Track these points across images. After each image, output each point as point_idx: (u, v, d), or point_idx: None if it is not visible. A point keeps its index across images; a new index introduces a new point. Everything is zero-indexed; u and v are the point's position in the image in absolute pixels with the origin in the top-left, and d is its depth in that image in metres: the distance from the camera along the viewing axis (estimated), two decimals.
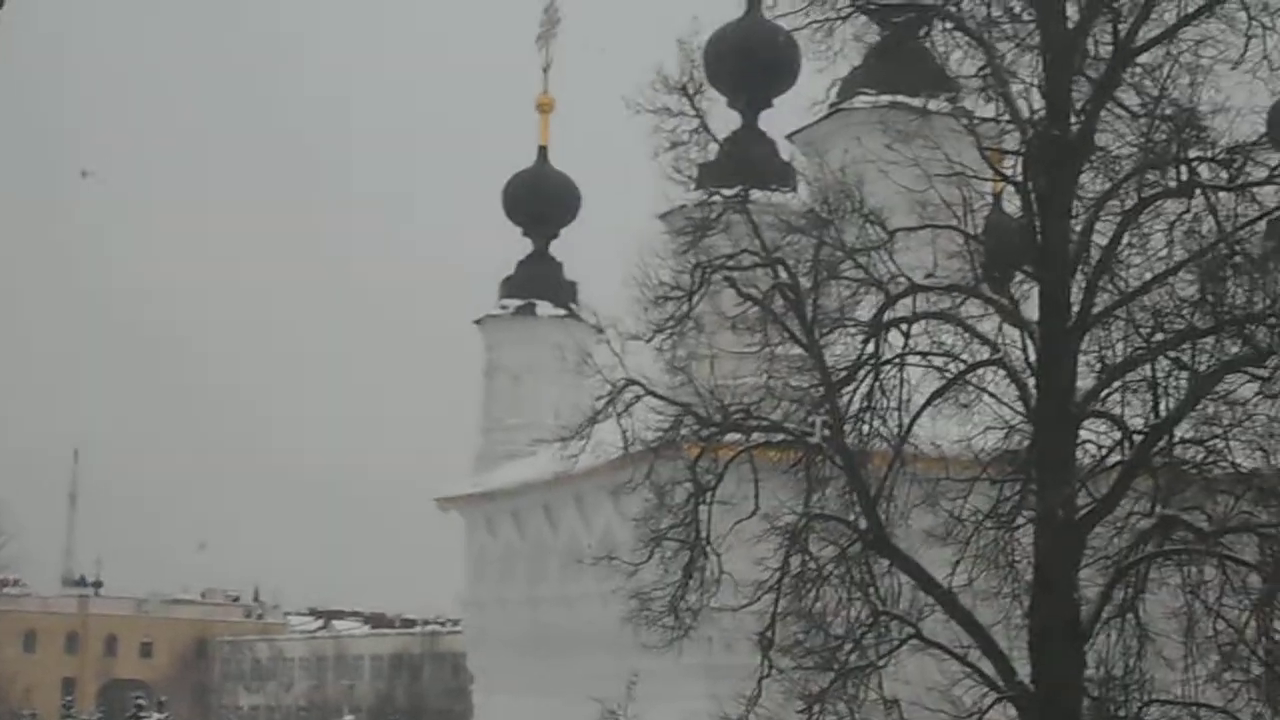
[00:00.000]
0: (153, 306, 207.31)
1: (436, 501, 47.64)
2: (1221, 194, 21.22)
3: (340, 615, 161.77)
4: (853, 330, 22.36)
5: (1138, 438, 21.22)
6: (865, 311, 22.47)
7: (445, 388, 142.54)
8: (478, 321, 48.54)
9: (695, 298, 22.82)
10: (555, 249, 49.17)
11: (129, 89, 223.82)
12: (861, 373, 22.17)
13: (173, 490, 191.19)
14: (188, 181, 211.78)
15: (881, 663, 21.57)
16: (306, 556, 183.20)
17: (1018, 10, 21.76)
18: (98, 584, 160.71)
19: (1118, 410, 21.52)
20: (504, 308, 48.02)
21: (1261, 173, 21.24)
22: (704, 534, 22.66)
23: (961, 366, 22.02)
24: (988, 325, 22.05)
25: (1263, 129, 22.32)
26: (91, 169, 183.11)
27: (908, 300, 22.15)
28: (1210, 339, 20.92)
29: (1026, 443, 21.68)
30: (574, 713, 32.01)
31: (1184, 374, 21.10)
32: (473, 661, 49.70)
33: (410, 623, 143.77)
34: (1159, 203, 21.45)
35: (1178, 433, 21.20)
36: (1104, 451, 21.52)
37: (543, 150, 49.45)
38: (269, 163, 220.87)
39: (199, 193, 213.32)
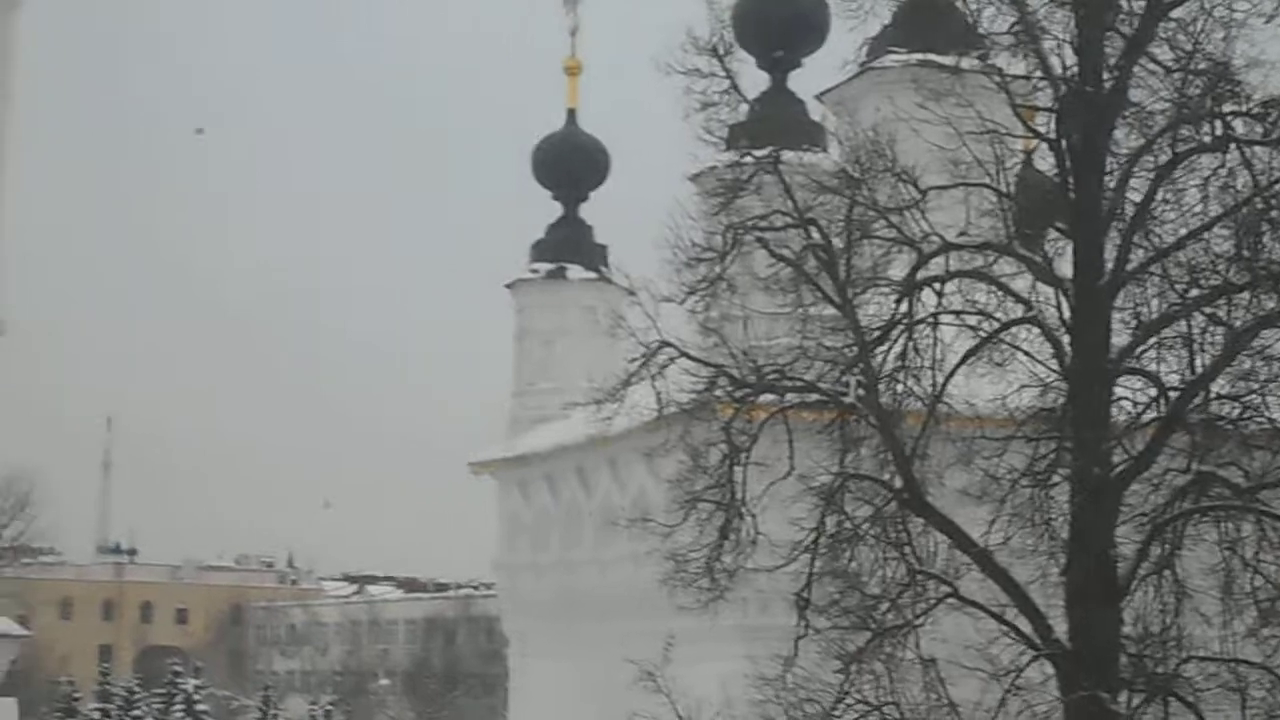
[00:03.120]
0: (188, 273, 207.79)
1: (469, 466, 47.67)
2: (1256, 148, 21.09)
3: (374, 580, 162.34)
4: (886, 290, 22.30)
5: (1173, 394, 21.15)
6: (898, 271, 22.41)
7: (478, 352, 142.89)
8: (508, 286, 48.52)
9: (728, 259, 22.77)
10: (585, 212, 49.09)
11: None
12: (895, 332, 22.12)
13: (206, 457, 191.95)
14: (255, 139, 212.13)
15: (918, 622, 21.55)
16: (340, 522, 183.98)
17: None
18: (132, 551, 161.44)
19: (1153, 367, 21.44)
20: (534, 271, 47.97)
21: None
22: (739, 495, 22.64)
23: (995, 325, 21.96)
24: (1021, 283, 22.00)
25: None
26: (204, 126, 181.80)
27: (941, 259, 22.10)
28: (1246, 294, 20.82)
29: (1062, 400, 21.63)
30: (610, 675, 32.04)
31: (1219, 330, 21.02)
32: (508, 625, 49.77)
33: (443, 587, 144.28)
34: (1193, 158, 21.33)
35: (1214, 389, 21.13)
36: (1140, 408, 21.45)
37: (571, 113, 49.34)
38: (318, 135, 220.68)
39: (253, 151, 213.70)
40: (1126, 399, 21.49)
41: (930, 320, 22.19)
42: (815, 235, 22.11)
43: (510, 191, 58.33)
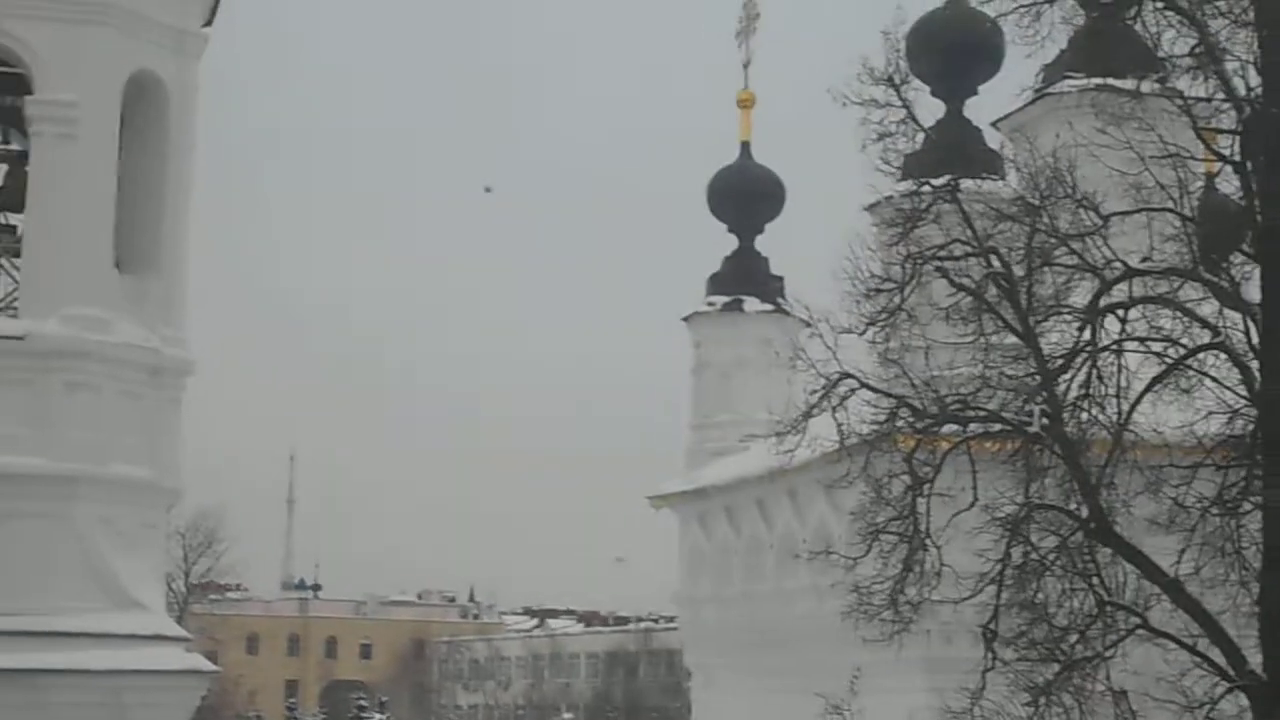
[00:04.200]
0: (361, 310, 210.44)
1: (649, 499, 47.75)
2: None
3: (554, 614, 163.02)
4: (1068, 317, 22.08)
5: None
6: (1081, 298, 22.18)
7: (656, 385, 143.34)
8: (686, 318, 48.61)
9: (907, 289, 22.68)
10: (761, 244, 49.07)
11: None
12: (1078, 360, 21.89)
13: (387, 492, 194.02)
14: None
15: (1108, 653, 21.27)
16: (520, 556, 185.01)
17: None
18: (317, 587, 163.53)
19: None
20: (711, 304, 48.01)
21: None
22: (922, 527, 22.50)
23: (1181, 351, 21.66)
24: (1208, 308, 21.67)
25: None
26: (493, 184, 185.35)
27: (1124, 285, 21.84)
28: None
29: (1251, 427, 21.27)
30: (795, 708, 31.94)
31: None
32: (690, 658, 49.75)
33: (623, 620, 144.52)
34: None
35: None
36: None
37: (745, 146, 49.37)
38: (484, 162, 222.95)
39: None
40: None
41: (1114, 348, 21.93)
42: (995, 264, 21.95)
43: (686, 224, 58.57)
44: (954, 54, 36.58)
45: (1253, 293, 21.34)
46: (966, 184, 23.33)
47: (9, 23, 21.67)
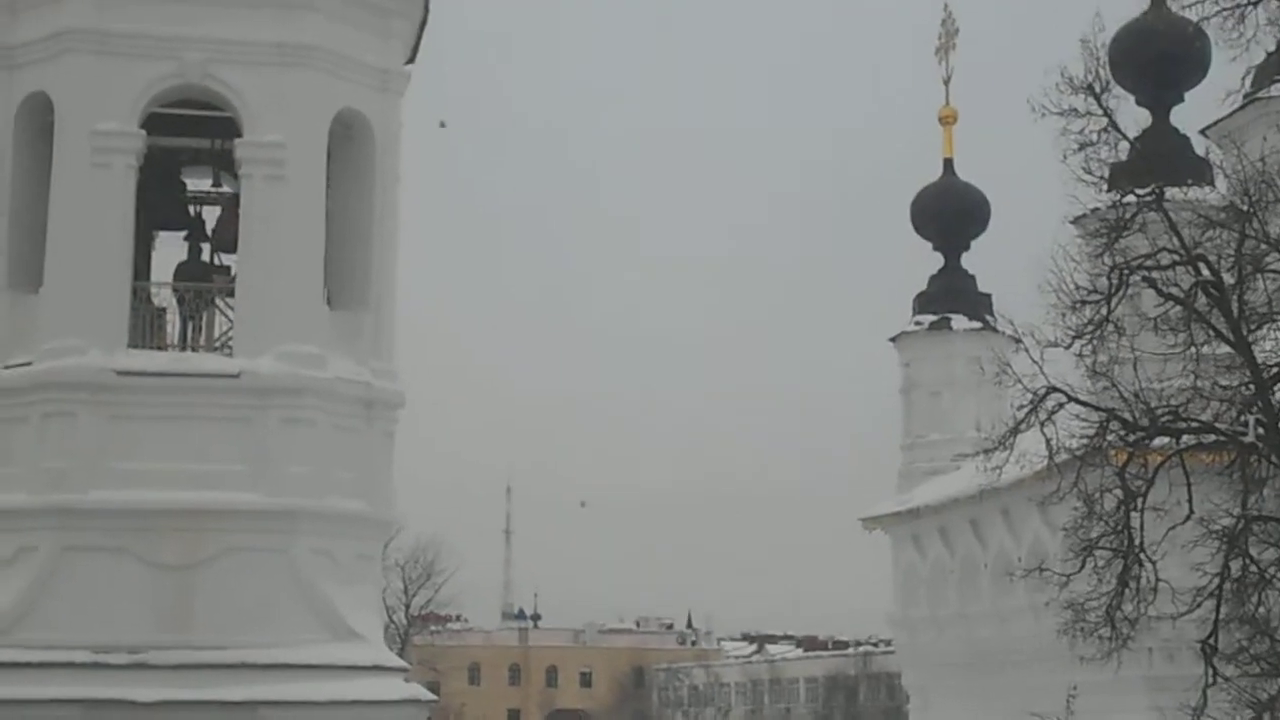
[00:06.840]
0: (574, 342, 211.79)
1: (861, 521, 47.54)
2: None
3: (772, 639, 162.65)
4: None
5: None
6: None
7: (865, 406, 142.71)
8: (893, 339, 48.41)
9: (1114, 300, 22.40)
10: (967, 261, 48.72)
11: None
12: None
13: (602, 522, 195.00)
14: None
15: None
16: (736, 581, 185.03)
17: None
18: (536, 616, 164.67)
19: None
20: (918, 324, 47.77)
21: None
22: (1137, 541, 22.18)
23: None
24: None
25: None
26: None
27: None
28: None
29: None
30: None
31: None
32: (908, 680, 49.42)
33: (842, 644, 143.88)
34: None
35: None
36: None
37: (948, 163, 49.07)
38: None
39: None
40: None
41: None
42: (1205, 272, 21.61)
43: (890, 243, 58.30)
44: (1158, 61, 36.12)
45: None
46: (1172, 192, 23.02)
47: (218, 68, 22.16)
